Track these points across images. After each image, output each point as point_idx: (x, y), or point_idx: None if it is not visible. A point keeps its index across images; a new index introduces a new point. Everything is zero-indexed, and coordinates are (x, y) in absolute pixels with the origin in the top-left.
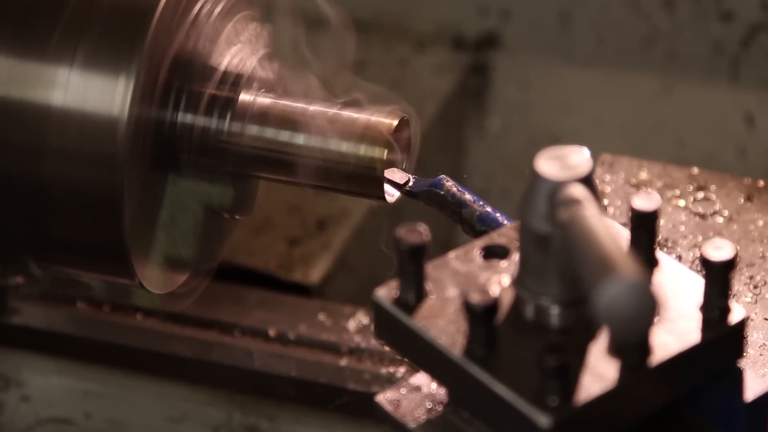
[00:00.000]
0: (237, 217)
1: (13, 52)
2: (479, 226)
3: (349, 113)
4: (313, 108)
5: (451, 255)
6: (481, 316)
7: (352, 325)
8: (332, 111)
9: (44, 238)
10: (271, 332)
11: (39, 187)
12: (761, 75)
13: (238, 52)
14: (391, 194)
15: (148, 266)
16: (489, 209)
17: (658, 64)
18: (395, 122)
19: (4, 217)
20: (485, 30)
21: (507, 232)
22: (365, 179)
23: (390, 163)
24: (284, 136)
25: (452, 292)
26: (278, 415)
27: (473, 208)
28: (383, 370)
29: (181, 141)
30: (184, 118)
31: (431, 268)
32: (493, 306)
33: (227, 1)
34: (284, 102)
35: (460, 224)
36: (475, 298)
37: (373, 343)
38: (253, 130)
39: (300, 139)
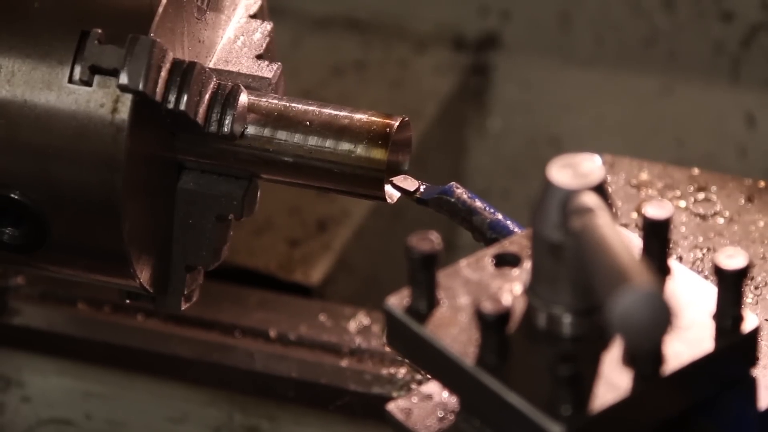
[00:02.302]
0: (238, 217)
1: (14, 52)
2: (490, 234)
3: (350, 114)
4: (314, 109)
5: (463, 263)
6: (493, 324)
7: (352, 325)
8: (333, 112)
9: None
10: (272, 333)
11: (40, 188)
12: (761, 75)
13: (238, 52)
14: (392, 195)
15: (149, 268)
16: (500, 216)
17: (659, 65)
18: (396, 123)
19: None
20: (485, 30)
21: (518, 240)
22: (366, 180)
23: (390, 164)
24: (285, 136)
25: (464, 300)
26: (279, 416)
27: (484, 215)
28: (384, 371)
29: (182, 142)
30: (185, 118)
31: (443, 276)
32: (505, 315)
33: (228, 1)
34: (285, 103)
35: (471, 231)
36: (488, 306)
37: (374, 343)
38: (253, 130)
39: (301, 139)
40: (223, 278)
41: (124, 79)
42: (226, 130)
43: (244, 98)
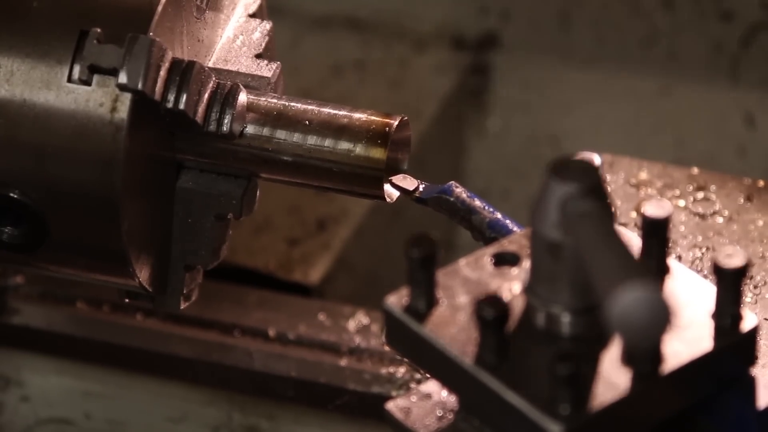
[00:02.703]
0: (237, 217)
1: (13, 52)
2: (489, 233)
3: (349, 113)
4: (313, 108)
5: (462, 262)
6: (492, 324)
7: (351, 325)
8: (332, 111)
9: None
10: (271, 332)
11: (39, 187)
12: (761, 75)
13: (238, 51)
14: (391, 195)
15: (148, 267)
16: (499, 216)
17: (658, 64)
18: (395, 122)
19: None
20: (485, 30)
21: (517, 239)
22: (365, 179)
23: (389, 164)
24: (284, 135)
25: (463, 299)
26: (278, 415)
27: (483, 214)
28: (383, 370)
29: (181, 141)
30: (184, 118)
31: (442, 275)
32: (504, 314)
33: (227, 0)
34: (284, 102)
35: (470, 231)
36: (487, 306)
37: (373, 343)
38: (252, 130)
39: (300, 139)
40: (223, 278)
41: (123, 78)
42: (225, 129)
43: (243, 97)
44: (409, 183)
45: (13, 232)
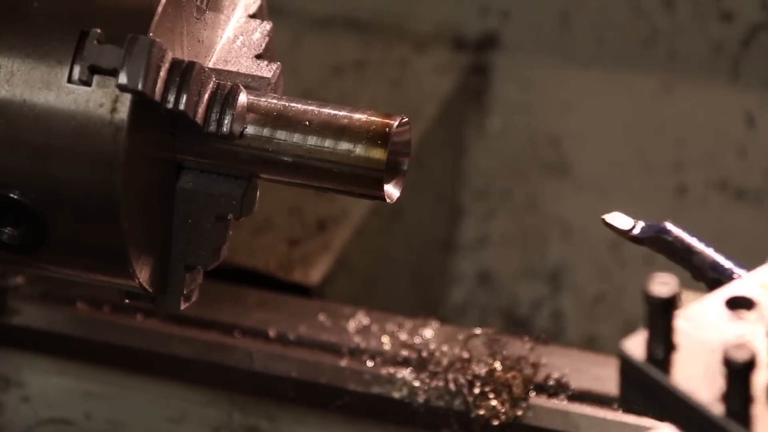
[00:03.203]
0: (237, 217)
1: (13, 52)
2: (711, 274)
3: (349, 114)
4: (313, 108)
5: (695, 306)
6: (741, 371)
7: (352, 325)
8: (332, 112)
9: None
10: (272, 333)
11: (39, 187)
12: (762, 75)
13: (238, 52)
14: (391, 195)
15: (148, 268)
16: (720, 257)
17: (659, 64)
18: (395, 123)
19: None
20: (485, 30)
21: (750, 282)
22: (365, 180)
23: (389, 164)
24: (284, 136)
25: (702, 345)
26: (278, 416)
27: (704, 255)
28: (383, 371)
29: (182, 142)
30: (184, 118)
31: (678, 319)
32: (752, 361)
33: (227, 1)
34: (284, 102)
35: (689, 270)
36: (735, 353)
37: (373, 343)
38: (253, 130)
39: (300, 139)
40: (223, 278)
41: (123, 78)
42: (225, 129)
43: (243, 98)
44: (624, 222)
45: (13, 232)
